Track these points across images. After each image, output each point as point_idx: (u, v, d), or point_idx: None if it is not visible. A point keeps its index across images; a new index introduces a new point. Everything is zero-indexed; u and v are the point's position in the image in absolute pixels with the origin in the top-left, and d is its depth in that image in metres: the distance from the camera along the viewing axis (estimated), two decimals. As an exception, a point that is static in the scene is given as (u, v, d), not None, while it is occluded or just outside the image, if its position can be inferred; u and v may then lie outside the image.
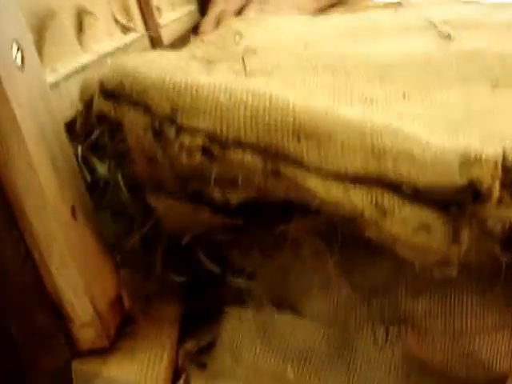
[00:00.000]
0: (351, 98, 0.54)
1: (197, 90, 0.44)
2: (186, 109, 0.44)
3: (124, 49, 0.89)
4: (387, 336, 0.51)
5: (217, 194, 0.49)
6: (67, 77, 0.69)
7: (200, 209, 0.50)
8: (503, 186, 0.42)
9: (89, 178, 0.56)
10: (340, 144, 0.43)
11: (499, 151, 0.42)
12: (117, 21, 0.89)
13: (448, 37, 0.64)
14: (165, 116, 0.44)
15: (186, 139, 0.44)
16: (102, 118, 0.56)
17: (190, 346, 0.55)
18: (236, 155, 0.43)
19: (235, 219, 0.51)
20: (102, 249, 0.53)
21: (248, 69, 0.58)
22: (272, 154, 0.43)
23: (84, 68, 0.75)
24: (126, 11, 0.93)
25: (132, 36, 0.95)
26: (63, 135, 0.52)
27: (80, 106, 0.60)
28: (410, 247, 0.43)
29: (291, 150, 0.43)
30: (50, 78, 0.64)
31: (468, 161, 0.42)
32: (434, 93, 0.55)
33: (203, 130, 0.44)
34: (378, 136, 0.43)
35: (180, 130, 0.44)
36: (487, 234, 0.43)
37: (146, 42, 1.04)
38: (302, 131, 0.43)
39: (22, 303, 0.50)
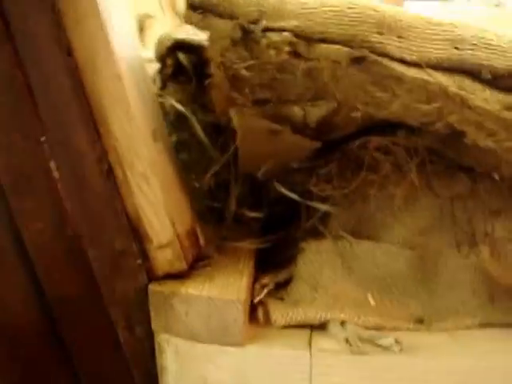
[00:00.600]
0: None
1: (281, -4, 0.47)
2: (272, 11, 0.46)
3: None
4: (471, 256, 0.50)
5: (297, 110, 0.50)
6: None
7: (280, 129, 0.51)
8: None
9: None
10: (421, 34, 0.45)
11: None
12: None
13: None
14: (251, 20, 0.46)
15: (273, 36, 0.45)
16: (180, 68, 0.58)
17: (266, 280, 0.53)
18: (321, 49, 0.45)
19: (314, 142, 0.52)
20: (179, 178, 0.53)
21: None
22: (356, 46, 0.44)
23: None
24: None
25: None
26: (144, 63, 0.54)
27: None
28: (495, 129, 0.43)
29: (375, 42, 0.44)
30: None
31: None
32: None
33: (289, 29, 0.45)
34: (457, 27, 0.45)
35: (266, 30, 0.46)
36: None
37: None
38: (385, 24, 0.45)
39: (100, 224, 0.49)
